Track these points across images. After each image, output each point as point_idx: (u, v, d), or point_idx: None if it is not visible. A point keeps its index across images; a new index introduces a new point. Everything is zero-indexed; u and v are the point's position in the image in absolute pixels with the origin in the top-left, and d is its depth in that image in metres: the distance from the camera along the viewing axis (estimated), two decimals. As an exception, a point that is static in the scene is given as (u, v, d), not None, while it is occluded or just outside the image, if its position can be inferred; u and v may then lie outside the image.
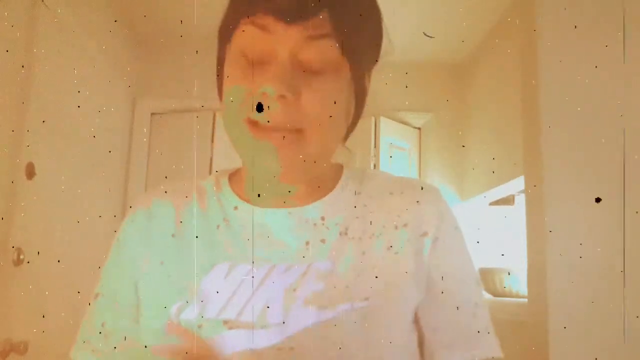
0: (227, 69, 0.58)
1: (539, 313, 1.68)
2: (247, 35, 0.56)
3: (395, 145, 3.09)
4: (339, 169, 0.69)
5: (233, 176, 0.68)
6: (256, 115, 0.55)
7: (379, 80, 0.74)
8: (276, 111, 0.54)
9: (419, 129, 3.22)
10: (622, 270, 1.66)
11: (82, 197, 2.14)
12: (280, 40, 0.54)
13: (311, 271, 0.59)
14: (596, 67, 1.75)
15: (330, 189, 0.65)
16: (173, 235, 0.63)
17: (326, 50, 0.55)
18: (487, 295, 2.32)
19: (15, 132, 1.60)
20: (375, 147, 3.00)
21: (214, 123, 2.92)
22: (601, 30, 1.77)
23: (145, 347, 0.60)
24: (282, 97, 0.53)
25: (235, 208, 0.64)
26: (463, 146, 3.05)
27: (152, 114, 2.98)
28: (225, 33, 0.59)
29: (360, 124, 0.65)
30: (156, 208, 0.65)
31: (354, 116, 0.63)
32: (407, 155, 3.15)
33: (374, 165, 2.99)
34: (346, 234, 0.61)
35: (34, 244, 1.70)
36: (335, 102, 0.57)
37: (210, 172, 2.87)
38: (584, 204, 1.69)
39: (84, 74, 2.12)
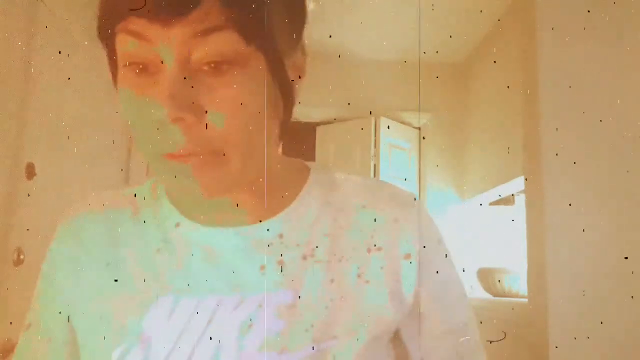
0: (120, 86, 0.48)
1: (539, 313, 1.68)
2: (125, 45, 0.45)
3: (395, 145, 3.09)
4: (303, 172, 0.57)
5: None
6: (163, 147, 0.45)
7: (379, 80, 0.72)
8: (178, 137, 0.44)
9: (419, 129, 3.22)
10: (622, 269, 1.66)
11: (82, 197, 2.14)
12: (161, 46, 0.43)
13: (269, 303, 0.50)
14: (596, 66, 1.75)
15: (292, 198, 0.54)
16: (106, 262, 0.54)
17: (224, 45, 0.44)
18: (487, 295, 2.32)
19: (15, 132, 1.60)
20: (375, 147, 3.00)
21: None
22: (601, 30, 1.77)
23: None
24: (180, 119, 0.43)
25: (177, 225, 0.54)
26: (467, 145, 3.05)
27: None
28: (105, 39, 0.48)
29: (360, 124, 0.57)
30: (84, 227, 0.56)
31: (285, 108, 0.51)
32: (407, 155, 3.15)
33: (374, 165, 2.99)
34: (312, 256, 0.52)
35: (34, 244, 1.70)
36: (251, 107, 0.46)
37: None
38: (584, 204, 1.69)
39: (84, 74, 2.12)
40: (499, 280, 2.23)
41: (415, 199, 0.57)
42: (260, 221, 0.53)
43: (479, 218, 2.91)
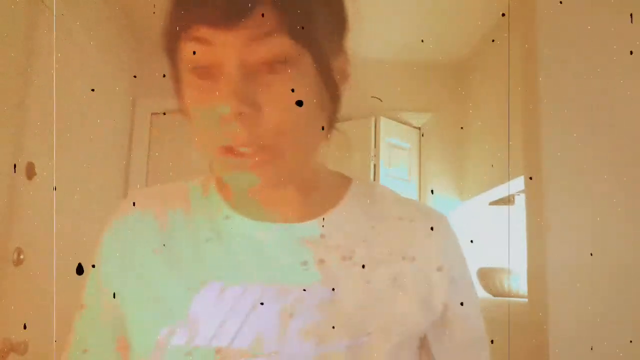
0: (184, 89, 0.54)
1: (539, 313, 1.68)
2: (190, 51, 0.50)
3: (395, 145, 3.09)
4: (345, 182, 0.63)
5: (221, 179, 0.61)
6: (225, 142, 0.50)
7: (379, 80, 0.73)
8: (239, 131, 0.49)
9: (419, 129, 3.22)
10: (622, 269, 1.66)
11: (82, 197, 2.14)
12: (223, 49, 0.49)
13: (309, 297, 0.54)
14: (597, 66, 1.75)
15: (334, 204, 0.60)
16: (158, 251, 0.58)
17: (277, 47, 0.49)
18: (487, 295, 2.32)
19: (15, 132, 1.60)
20: (375, 147, 3.00)
21: (214, 123, 2.92)
22: (601, 29, 1.77)
23: None
24: (241, 114, 0.48)
25: (227, 218, 0.59)
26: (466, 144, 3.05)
27: (152, 114, 2.98)
28: (170, 49, 0.54)
29: (360, 124, 0.61)
30: (138, 217, 0.61)
31: (332, 103, 0.57)
32: (407, 155, 3.15)
33: (374, 165, 2.99)
34: (350, 258, 0.56)
35: (34, 244, 1.70)
36: (301, 101, 0.51)
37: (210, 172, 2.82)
38: (584, 204, 1.69)
39: (84, 74, 2.12)
40: (499, 280, 2.23)
41: (443, 218, 0.63)
42: (305, 220, 0.58)
43: (479, 218, 2.91)
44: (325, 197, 0.60)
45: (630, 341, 1.62)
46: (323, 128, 0.56)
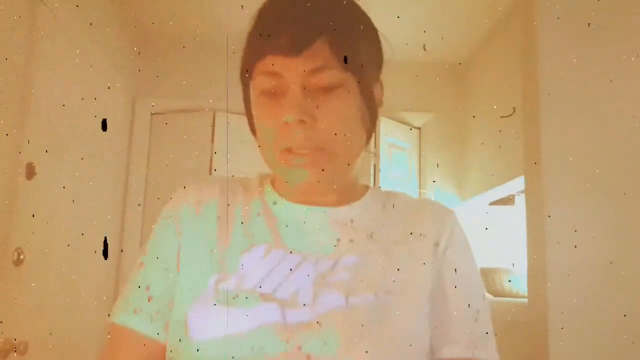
0: (254, 109, 0.68)
1: (539, 313, 1.68)
2: (261, 82, 0.65)
3: (395, 145, 3.09)
4: (365, 186, 0.79)
5: (275, 177, 0.76)
6: (286, 145, 0.63)
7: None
8: (299, 136, 0.63)
9: (419, 129, 3.23)
10: (622, 269, 1.66)
11: (82, 197, 2.14)
12: (290, 75, 0.63)
13: (340, 264, 0.66)
14: (597, 66, 1.76)
15: (359, 198, 0.74)
16: (217, 218, 0.71)
17: (331, 76, 0.63)
18: (487, 295, 2.32)
19: (15, 132, 1.60)
20: (375, 147, 3.00)
21: (214, 123, 2.92)
22: (602, 29, 1.77)
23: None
24: (302, 122, 0.62)
25: (275, 203, 0.73)
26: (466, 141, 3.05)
27: (152, 114, 2.98)
28: (245, 77, 0.69)
29: None
30: (206, 197, 0.73)
31: (370, 122, 0.70)
32: (407, 155, 3.15)
33: (374, 165, 2.99)
34: (372, 237, 0.70)
35: (34, 244, 1.70)
36: (349, 116, 0.65)
37: (210, 172, 2.83)
38: (584, 204, 1.69)
39: (84, 74, 2.12)
40: (499, 280, 2.23)
41: (449, 210, 0.76)
42: (339, 207, 0.71)
43: (479, 218, 2.91)
44: (352, 195, 0.74)
45: (632, 342, 1.62)
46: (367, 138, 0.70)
